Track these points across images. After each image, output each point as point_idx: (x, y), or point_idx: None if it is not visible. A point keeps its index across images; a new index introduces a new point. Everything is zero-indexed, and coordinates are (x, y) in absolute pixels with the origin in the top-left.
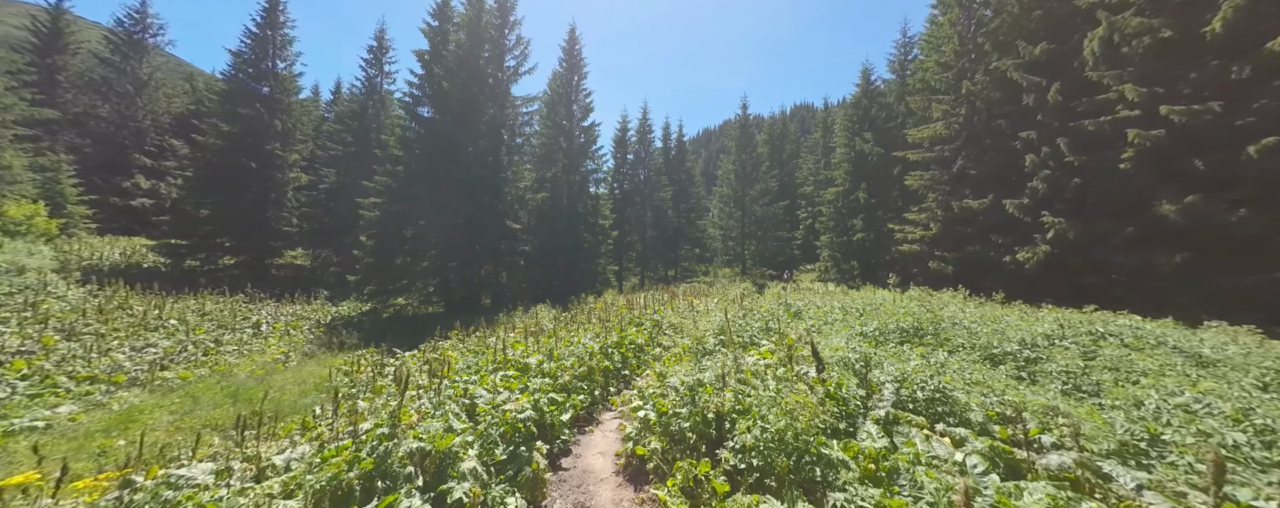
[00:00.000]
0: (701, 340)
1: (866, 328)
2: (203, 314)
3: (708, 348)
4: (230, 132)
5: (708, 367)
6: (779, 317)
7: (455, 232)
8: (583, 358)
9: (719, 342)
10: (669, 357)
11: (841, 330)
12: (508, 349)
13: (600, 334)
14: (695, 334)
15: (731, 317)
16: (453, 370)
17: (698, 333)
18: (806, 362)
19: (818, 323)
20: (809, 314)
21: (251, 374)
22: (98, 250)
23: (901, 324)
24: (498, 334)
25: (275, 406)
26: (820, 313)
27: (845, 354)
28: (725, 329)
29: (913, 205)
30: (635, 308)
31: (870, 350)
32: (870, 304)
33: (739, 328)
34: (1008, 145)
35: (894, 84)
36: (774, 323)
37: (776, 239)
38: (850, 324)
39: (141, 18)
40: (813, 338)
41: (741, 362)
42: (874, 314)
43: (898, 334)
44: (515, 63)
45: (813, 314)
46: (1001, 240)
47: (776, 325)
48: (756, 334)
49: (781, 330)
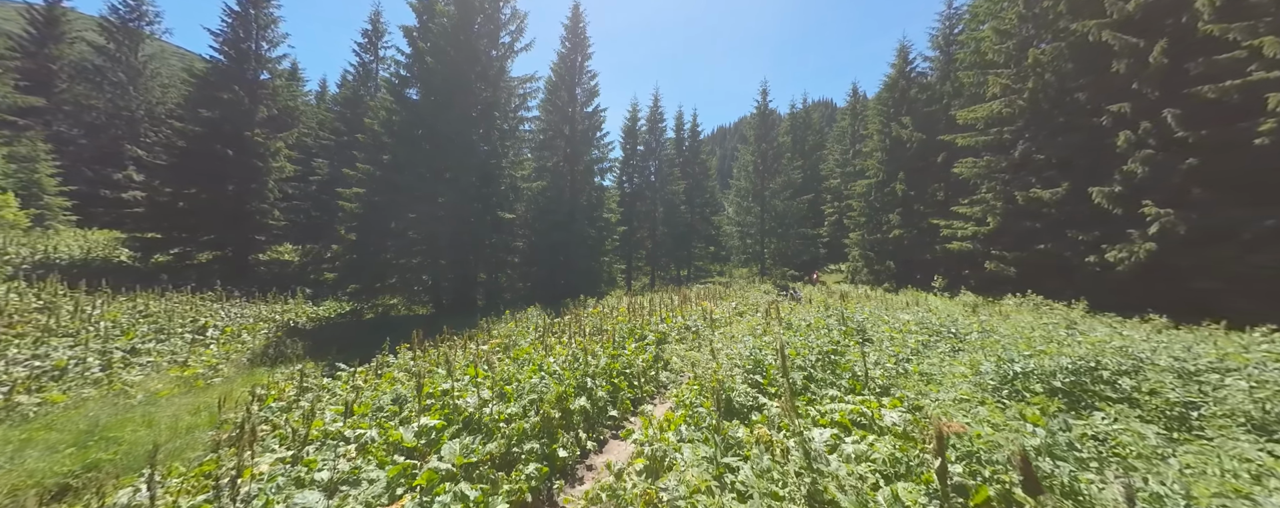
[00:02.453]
0: (725, 385)
1: (1011, 368)
2: (145, 316)
3: (737, 402)
4: (209, 117)
5: (745, 473)
6: (832, 335)
7: (442, 224)
8: (543, 398)
9: (751, 384)
10: (671, 418)
11: (955, 372)
12: (451, 378)
13: (580, 357)
14: (715, 373)
15: (763, 336)
16: (363, 409)
17: (718, 371)
18: (921, 445)
19: (902, 352)
20: (878, 334)
21: (151, 397)
22: (62, 244)
23: (1064, 363)
24: (463, 348)
25: (129, 452)
26: (892, 333)
27: (1013, 440)
28: (762, 366)
29: (961, 197)
30: (639, 314)
31: (1050, 434)
32: (950, 318)
33: (769, 346)
34: (1088, 123)
35: (938, 61)
36: (836, 350)
37: (799, 237)
38: (964, 359)
39: (137, 4)
40: (923, 396)
41: (817, 462)
42: (991, 344)
43: (1064, 379)
44: (510, 38)
45: (884, 334)
46: (1082, 237)
47: (841, 356)
48: (815, 370)
49: (855, 367)
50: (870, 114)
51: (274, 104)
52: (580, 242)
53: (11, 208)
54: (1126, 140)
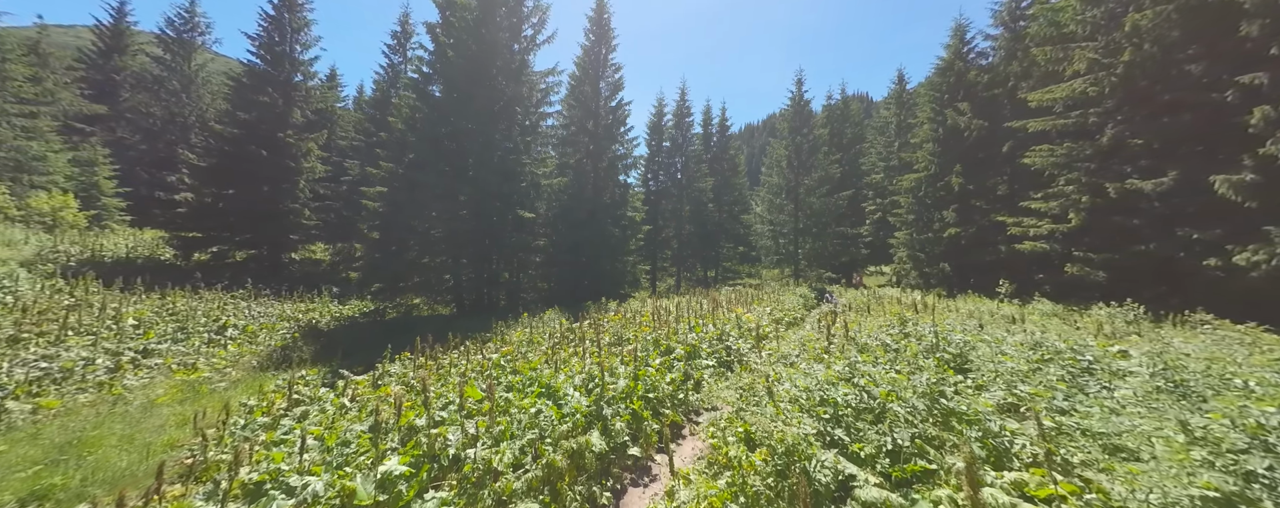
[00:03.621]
0: (794, 445)
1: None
2: (171, 314)
3: (816, 478)
4: (246, 119)
5: None
6: (920, 360)
7: (463, 223)
8: (547, 435)
9: (829, 441)
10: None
11: (1147, 432)
12: (426, 412)
13: (597, 376)
14: (779, 433)
15: (823, 354)
16: (331, 439)
17: (778, 417)
18: None
19: (1047, 396)
20: (984, 362)
21: (148, 404)
22: (109, 243)
23: None
24: (471, 356)
25: (90, 477)
26: (1006, 360)
27: None
28: (837, 409)
29: (1030, 191)
30: (664, 321)
31: None
32: (1078, 344)
33: (842, 378)
34: (1203, 99)
35: (1002, 39)
36: (942, 391)
37: (838, 236)
38: (1150, 412)
39: (190, 17)
40: (1111, 475)
41: None
42: (1184, 387)
43: None
44: (532, 31)
45: (994, 363)
46: (1199, 235)
47: (951, 398)
48: (923, 423)
49: (986, 420)
50: (920, 101)
51: (308, 106)
52: (603, 241)
53: (72, 208)
54: (1264, 118)
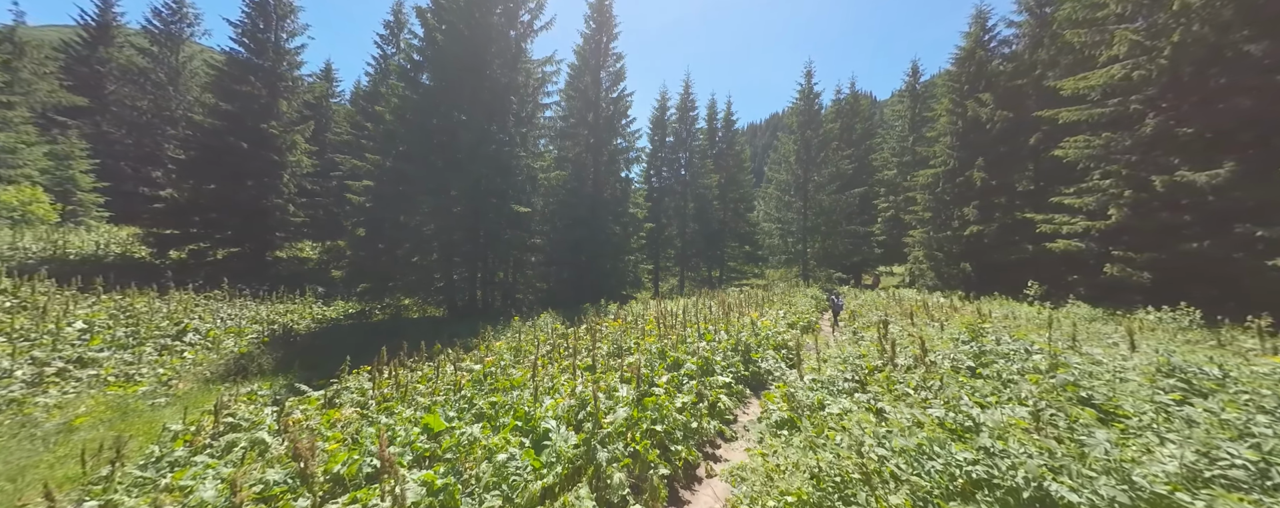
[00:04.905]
0: None
1: None
2: (129, 317)
3: None
4: (227, 110)
5: None
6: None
7: (455, 219)
8: (516, 495)
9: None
10: None
11: None
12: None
13: (591, 404)
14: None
15: (886, 381)
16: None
17: None
18: None
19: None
20: (1122, 399)
21: (63, 426)
22: (76, 240)
23: None
24: (444, 368)
25: None
26: (1129, 391)
27: None
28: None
29: (1060, 185)
30: (670, 326)
31: None
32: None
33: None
34: (1261, 84)
35: (1027, 25)
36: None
37: (848, 235)
38: None
39: (178, 8)
40: None
41: None
42: None
43: None
44: (530, 16)
45: (1145, 410)
46: (1262, 233)
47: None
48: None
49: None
50: (938, 93)
51: (294, 97)
52: (604, 239)
53: (42, 203)
54: None
